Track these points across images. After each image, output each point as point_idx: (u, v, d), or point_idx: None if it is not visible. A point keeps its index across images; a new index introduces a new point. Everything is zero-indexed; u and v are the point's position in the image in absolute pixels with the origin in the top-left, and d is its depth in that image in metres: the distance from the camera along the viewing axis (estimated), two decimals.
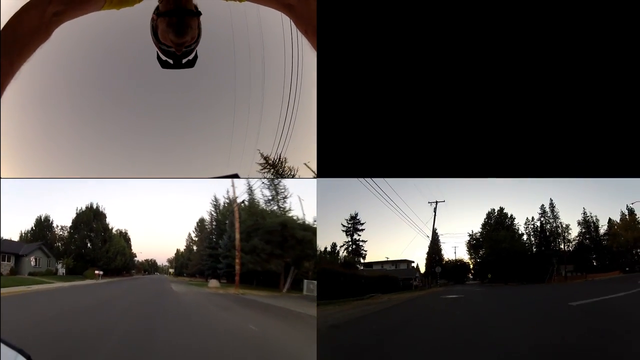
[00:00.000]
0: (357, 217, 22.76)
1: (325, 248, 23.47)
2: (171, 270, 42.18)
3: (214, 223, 29.63)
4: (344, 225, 22.99)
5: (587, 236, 24.11)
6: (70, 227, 26.38)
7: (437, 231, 24.02)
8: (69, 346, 6.18)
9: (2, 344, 1.61)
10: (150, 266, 51.49)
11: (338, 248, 23.54)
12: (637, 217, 22.71)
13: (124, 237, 29.96)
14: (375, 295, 17.22)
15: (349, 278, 17.27)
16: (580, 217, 24.16)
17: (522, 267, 21.84)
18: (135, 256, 34.72)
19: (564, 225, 23.87)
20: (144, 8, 2.50)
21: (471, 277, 24.82)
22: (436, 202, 22.50)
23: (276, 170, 19.65)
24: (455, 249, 31.02)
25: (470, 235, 24.71)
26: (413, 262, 24.00)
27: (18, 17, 2.19)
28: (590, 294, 12.43)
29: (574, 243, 23.93)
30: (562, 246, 23.81)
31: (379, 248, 27.68)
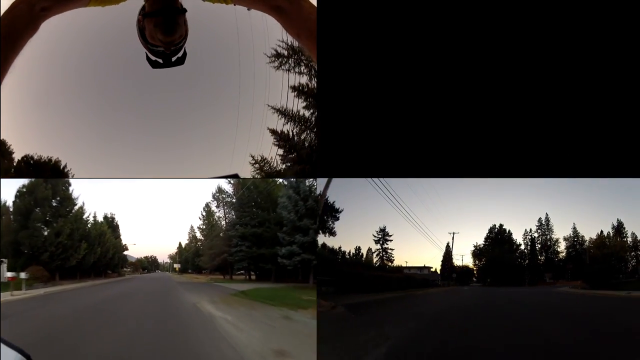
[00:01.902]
0: (386, 230, 28.03)
1: (350, 251, 25.85)
2: (176, 266, 36.23)
3: (241, 192, 20.36)
4: (374, 236, 28.07)
5: (572, 250, 28.50)
6: (13, 202, 16.56)
7: (450, 247, 31.85)
8: None
9: (2, 344, 1.54)
10: (150, 263, 45.23)
11: (363, 251, 26.86)
12: (624, 230, 25.99)
13: (110, 222, 22.63)
14: (432, 287, 28.67)
15: (397, 279, 25.98)
16: (568, 232, 28.79)
17: (512, 274, 29.28)
18: (126, 249, 26.57)
19: (554, 240, 29.51)
20: (135, 7, 2.43)
21: (475, 280, 32.01)
22: (454, 233, 31.68)
23: (298, 60, 14.77)
24: (462, 257, 37.61)
25: (474, 246, 31.88)
26: (432, 267, 32.08)
27: (10, 13, 2.23)
28: (521, 289, 24.43)
29: (561, 255, 29.03)
30: (551, 257, 29.29)
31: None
